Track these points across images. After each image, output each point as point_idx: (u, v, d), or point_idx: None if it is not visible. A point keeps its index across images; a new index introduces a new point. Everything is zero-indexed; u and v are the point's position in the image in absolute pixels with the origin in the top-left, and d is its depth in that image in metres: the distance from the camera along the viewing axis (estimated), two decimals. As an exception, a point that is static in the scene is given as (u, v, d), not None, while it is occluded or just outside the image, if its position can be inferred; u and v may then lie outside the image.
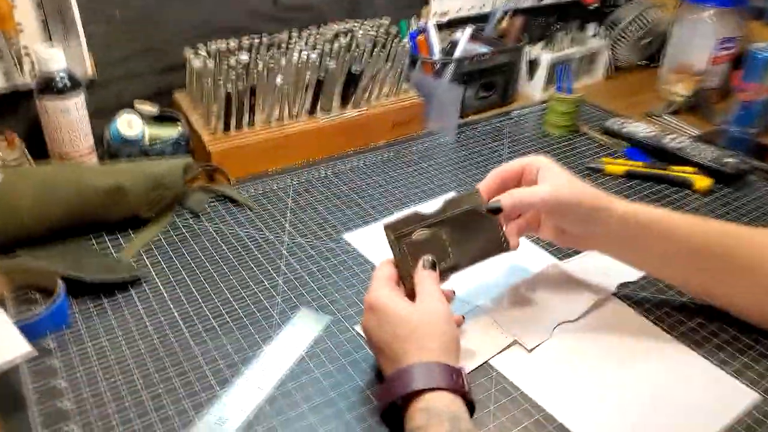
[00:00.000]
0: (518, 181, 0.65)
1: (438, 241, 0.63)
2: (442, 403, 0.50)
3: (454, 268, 0.63)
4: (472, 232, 0.64)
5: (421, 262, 0.60)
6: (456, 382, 0.51)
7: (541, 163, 0.63)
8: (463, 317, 0.64)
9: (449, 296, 0.63)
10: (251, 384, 0.61)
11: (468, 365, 0.63)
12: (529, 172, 0.64)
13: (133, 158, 0.88)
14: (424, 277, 0.59)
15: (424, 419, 0.49)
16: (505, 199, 0.62)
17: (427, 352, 0.53)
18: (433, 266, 0.60)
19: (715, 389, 0.62)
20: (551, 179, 0.61)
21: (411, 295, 0.60)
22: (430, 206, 0.64)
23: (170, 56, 1.00)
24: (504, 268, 0.76)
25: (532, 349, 0.65)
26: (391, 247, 0.61)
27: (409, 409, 0.51)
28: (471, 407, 0.53)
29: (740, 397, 0.61)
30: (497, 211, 0.62)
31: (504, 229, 0.65)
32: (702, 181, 0.95)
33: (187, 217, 0.86)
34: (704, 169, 0.98)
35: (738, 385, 0.62)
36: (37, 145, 0.88)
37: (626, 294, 0.73)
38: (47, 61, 0.79)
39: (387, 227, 0.62)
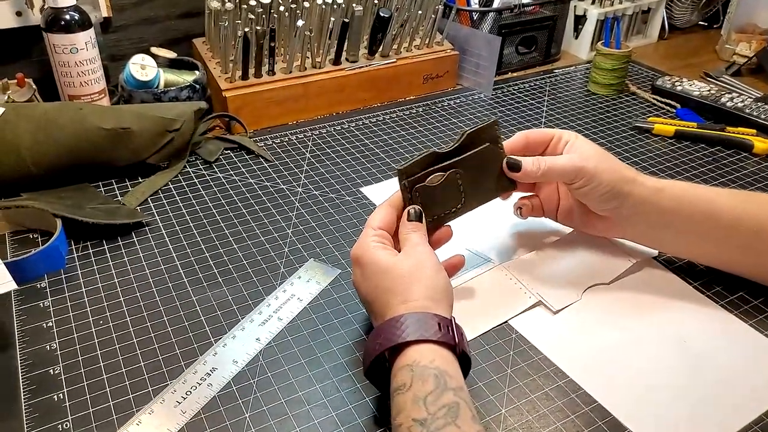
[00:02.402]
0: (544, 149, 0.61)
1: (452, 185, 0.57)
2: (427, 358, 0.44)
3: (461, 211, 0.58)
4: (487, 172, 0.59)
5: (405, 214, 0.55)
6: (444, 334, 0.45)
7: (570, 136, 0.59)
8: (464, 257, 0.58)
9: (460, 263, 0.58)
10: (248, 335, 0.56)
11: (484, 325, 0.57)
12: (555, 144, 0.60)
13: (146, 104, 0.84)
14: (408, 230, 0.54)
15: (408, 377, 0.43)
16: (530, 164, 0.57)
17: (411, 303, 0.47)
18: (419, 218, 0.55)
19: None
20: (579, 149, 0.58)
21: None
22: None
23: (189, 0, 0.96)
24: (526, 225, 0.69)
25: (557, 311, 0.59)
26: (402, 192, 0.56)
27: (394, 367, 0.45)
28: (467, 362, 0.47)
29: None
30: (516, 168, 0.58)
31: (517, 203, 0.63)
32: (763, 143, 0.86)
33: (200, 166, 0.82)
34: (766, 131, 0.88)
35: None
36: (51, 91, 0.85)
37: (668, 258, 0.66)
38: (56, -4, 0.76)
39: (400, 171, 0.56)
